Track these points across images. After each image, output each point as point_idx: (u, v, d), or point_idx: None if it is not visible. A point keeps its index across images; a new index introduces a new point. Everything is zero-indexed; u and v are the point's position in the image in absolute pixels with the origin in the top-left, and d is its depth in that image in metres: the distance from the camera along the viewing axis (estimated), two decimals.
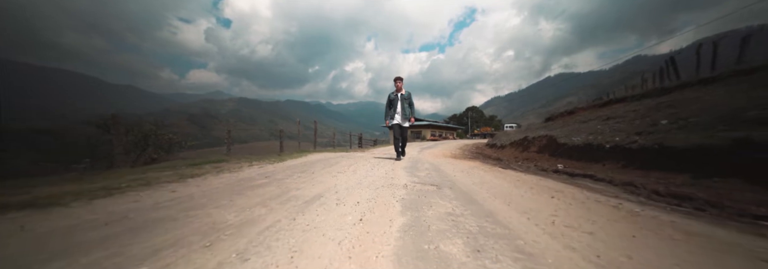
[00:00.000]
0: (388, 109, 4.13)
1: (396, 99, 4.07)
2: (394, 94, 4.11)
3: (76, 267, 0.73)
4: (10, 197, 1.39)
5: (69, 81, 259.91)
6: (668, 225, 1.19)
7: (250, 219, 1.17)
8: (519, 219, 1.26)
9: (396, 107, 4.06)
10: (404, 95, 4.07)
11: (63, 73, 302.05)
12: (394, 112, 4.07)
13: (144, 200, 1.45)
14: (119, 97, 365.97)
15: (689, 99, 5.06)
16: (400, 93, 4.09)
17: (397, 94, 4.09)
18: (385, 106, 4.21)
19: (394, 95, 4.10)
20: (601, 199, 1.74)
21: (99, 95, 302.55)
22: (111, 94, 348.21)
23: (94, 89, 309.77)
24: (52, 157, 7.53)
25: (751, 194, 1.92)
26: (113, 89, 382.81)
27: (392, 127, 4.12)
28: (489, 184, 2.24)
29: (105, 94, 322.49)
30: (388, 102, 4.14)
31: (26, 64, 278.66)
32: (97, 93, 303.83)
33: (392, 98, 4.10)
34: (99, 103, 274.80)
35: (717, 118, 3.07)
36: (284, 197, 1.60)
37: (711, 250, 0.92)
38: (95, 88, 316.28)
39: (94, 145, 5.41)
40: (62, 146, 11.77)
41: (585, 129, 5.85)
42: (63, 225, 1.06)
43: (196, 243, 0.91)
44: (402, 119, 4.07)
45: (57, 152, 6.88)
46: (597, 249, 0.91)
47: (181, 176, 2.14)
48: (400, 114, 4.07)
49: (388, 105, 4.15)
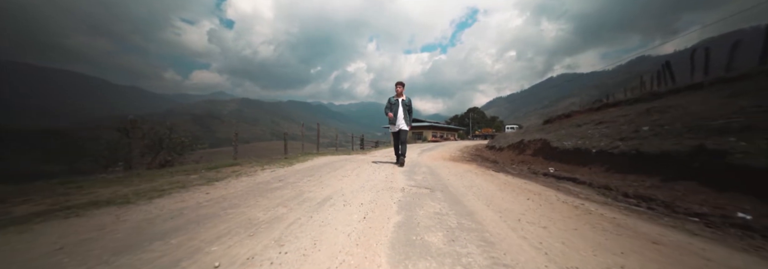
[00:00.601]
0: (388, 111, 4.17)
1: (396, 104, 4.10)
2: (394, 98, 4.13)
3: (170, 245, 1.05)
4: (82, 197, 1.72)
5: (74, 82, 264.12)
6: (608, 221, 1.49)
7: (276, 217, 1.48)
8: (492, 217, 1.56)
9: (396, 111, 4.08)
10: (405, 101, 4.12)
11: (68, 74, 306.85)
12: (395, 117, 4.10)
13: (188, 200, 1.77)
14: (123, 98, 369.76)
15: (673, 106, 5.33)
16: (401, 98, 4.12)
17: (398, 99, 4.12)
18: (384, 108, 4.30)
19: (394, 100, 4.13)
20: (567, 201, 2.04)
21: (104, 96, 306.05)
22: (115, 95, 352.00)
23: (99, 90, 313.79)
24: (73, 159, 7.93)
25: (701, 195, 2.21)
26: (118, 90, 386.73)
27: (392, 132, 4.24)
28: (477, 187, 2.53)
29: (110, 95, 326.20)
30: (388, 105, 4.17)
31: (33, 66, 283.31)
32: (102, 94, 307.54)
33: (393, 103, 4.12)
34: (104, 104, 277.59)
35: (687, 126, 3.36)
36: (299, 199, 1.91)
37: (622, 237, 1.22)
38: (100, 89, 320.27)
39: (114, 148, 5.78)
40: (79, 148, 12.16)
41: (577, 134, 6.12)
42: (142, 217, 1.38)
43: (242, 233, 1.22)
44: (402, 124, 4.11)
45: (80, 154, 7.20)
46: (543, 238, 1.21)
47: (208, 180, 2.46)
48: (399, 119, 4.10)
49: (387, 108, 4.19)
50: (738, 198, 1.98)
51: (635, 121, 5.19)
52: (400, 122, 4.09)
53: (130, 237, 1.13)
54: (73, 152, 13.06)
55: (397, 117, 4.07)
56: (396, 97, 4.14)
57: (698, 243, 1.21)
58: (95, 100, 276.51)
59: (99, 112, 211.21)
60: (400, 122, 4.10)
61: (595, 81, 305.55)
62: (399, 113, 4.07)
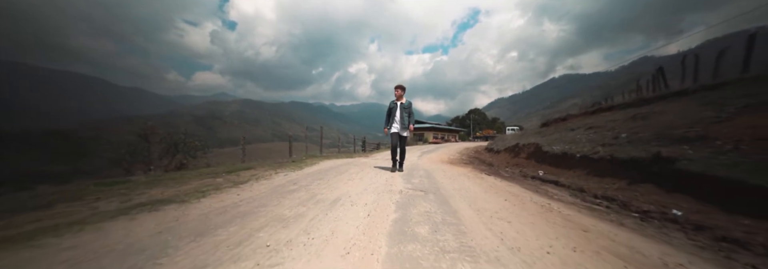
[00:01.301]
0: (388, 117, 4.09)
1: (395, 108, 4.02)
2: (394, 102, 4.06)
3: (230, 232, 1.46)
4: (141, 197, 2.13)
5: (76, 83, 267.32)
6: (561, 217, 1.88)
7: (299, 214, 1.89)
8: (471, 214, 1.95)
9: (395, 115, 4.00)
10: (404, 104, 4.03)
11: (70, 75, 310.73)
12: (393, 120, 4.00)
13: (225, 200, 2.18)
14: (126, 99, 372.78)
15: (656, 113, 5.71)
16: (400, 102, 4.04)
17: (397, 102, 4.03)
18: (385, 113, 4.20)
19: (393, 104, 4.05)
20: (539, 201, 2.43)
21: (106, 97, 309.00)
22: (118, 96, 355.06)
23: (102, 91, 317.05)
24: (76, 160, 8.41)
25: (654, 196, 2.60)
26: (120, 91, 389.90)
27: (390, 135, 4.09)
28: (465, 190, 2.92)
29: (112, 96, 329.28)
30: (388, 110, 4.11)
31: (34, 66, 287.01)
32: (105, 95, 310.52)
33: (392, 107, 4.05)
34: (107, 105, 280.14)
35: (656, 134, 3.74)
36: (314, 200, 2.31)
37: (564, 228, 1.61)
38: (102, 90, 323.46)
39: (133, 151, 6.24)
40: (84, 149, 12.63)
41: (566, 138, 6.50)
42: (200, 212, 1.80)
43: (277, 225, 1.63)
44: (401, 129, 4.00)
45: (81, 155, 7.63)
46: (504, 229, 1.60)
47: (235, 183, 2.88)
48: (399, 123, 4.00)
49: (388, 113, 4.11)
50: (679, 198, 2.36)
51: (619, 127, 5.56)
52: (399, 127, 4.00)
53: (200, 226, 1.54)
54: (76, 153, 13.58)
55: (396, 121, 3.98)
56: (396, 100, 4.06)
57: (617, 231, 1.60)
58: (98, 101, 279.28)
59: (102, 113, 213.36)
60: (399, 126, 4.00)
61: (597, 82, 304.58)
62: (397, 117, 3.98)
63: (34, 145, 18.94)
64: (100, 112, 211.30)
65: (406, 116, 4.02)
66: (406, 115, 4.02)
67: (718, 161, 2.38)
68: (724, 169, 2.23)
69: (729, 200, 2.06)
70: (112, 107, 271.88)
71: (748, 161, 2.25)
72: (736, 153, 2.44)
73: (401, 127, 4.00)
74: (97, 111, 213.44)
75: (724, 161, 2.36)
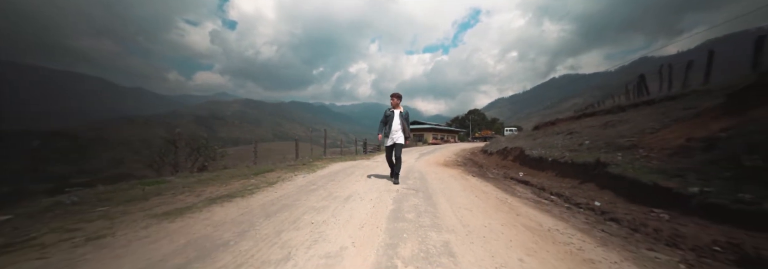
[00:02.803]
0: (383, 125, 4.00)
1: (392, 116, 3.94)
2: (390, 110, 3.99)
3: (284, 216, 2.25)
4: (202, 195, 2.94)
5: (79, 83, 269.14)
6: (509, 207, 2.67)
7: (324, 206, 2.68)
8: (446, 206, 2.74)
9: (392, 124, 3.91)
10: (402, 113, 3.97)
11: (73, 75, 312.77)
12: (390, 130, 3.91)
13: (270, 196, 2.98)
14: (128, 99, 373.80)
15: (623, 121, 6.50)
16: (399, 110, 3.98)
17: (395, 111, 3.97)
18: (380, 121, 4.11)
19: (390, 112, 3.98)
20: (500, 197, 3.22)
21: (109, 97, 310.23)
22: (120, 96, 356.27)
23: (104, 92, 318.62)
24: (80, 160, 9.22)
25: (591, 192, 3.40)
26: (122, 92, 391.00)
27: (386, 145, 4.00)
28: (449, 189, 3.71)
29: (114, 96, 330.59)
30: (384, 118, 4.02)
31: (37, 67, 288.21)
32: (107, 95, 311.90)
33: (388, 115, 3.97)
34: (109, 105, 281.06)
35: (606, 142, 4.54)
36: (332, 196, 3.11)
37: (505, 213, 2.40)
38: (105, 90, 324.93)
39: (163, 154, 7.07)
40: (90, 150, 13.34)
41: (547, 143, 7.29)
42: (257, 204, 2.60)
43: (312, 212, 2.42)
44: (397, 138, 3.93)
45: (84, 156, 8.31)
46: (463, 215, 2.40)
47: (268, 184, 3.68)
48: (395, 132, 3.92)
49: (383, 121, 4.03)
50: (604, 193, 3.16)
51: (591, 134, 6.35)
52: (397, 135, 3.92)
53: (264, 212, 2.34)
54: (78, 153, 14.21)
55: (392, 130, 3.90)
56: (392, 108, 4.01)
57: (541, 215, 2.40)
58: (99, 101, 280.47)
59: (102, 113, 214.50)
60: (397, 135, 3.92)
61: (598, 82, 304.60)
62: (394, 126, 3.91)
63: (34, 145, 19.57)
64: (100, 112, 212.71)
65: (402, 125, 3.95)
66: (403, 124, 3.95)
67: (632, 166, 3.17)
68: (633, 171, 3.03)
69: (631, 194, 2.85)
70: (113, 107, 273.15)
71: (649, 165, 3.05)
72: (645, 159, 3.23)
73: (398, 136, 3.94)
74: (97, 111, 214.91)
75: (635, 166, 3.16)
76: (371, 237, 1.80)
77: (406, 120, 3.98)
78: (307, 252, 1.57)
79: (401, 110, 4.02)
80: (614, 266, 1.46)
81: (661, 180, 2.69)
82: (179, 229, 1.89)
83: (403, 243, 1.70)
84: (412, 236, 1.84)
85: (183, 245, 1.61)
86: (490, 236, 1.87)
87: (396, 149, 3.94)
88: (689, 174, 2.56)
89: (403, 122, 3.94)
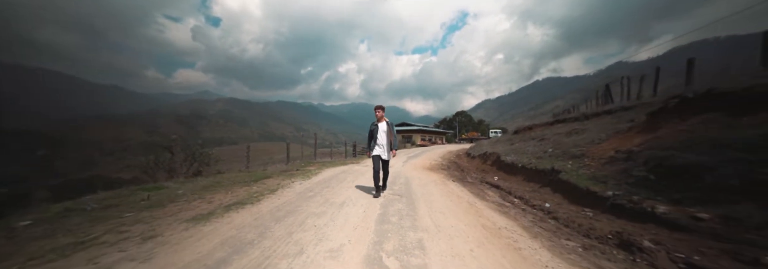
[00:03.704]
0: (370, 140, 3.95)
1: (376, 130, 3.88)
2: (375, 124, 3.92)
3: (292, 219, 2.75)
4: (214, 200, 3.37)
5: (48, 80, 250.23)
6: (475, 210, 3.30)
7: (323, 211, 3.19)
8: (425, 210, 3.32)
9: (377, 137, 3.86)
10: (388, 123, 3.93)
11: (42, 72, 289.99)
12: (375, 143, 3.87)
13: (275, 202, 3.45)
14: (103, 97, 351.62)
15: (584, 129, 7.38)
16: (383, 123, 3.92)
17: (378, 124, 3.90)
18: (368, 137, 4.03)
19: (374, 126, 3.91)
20: (470, 201, 3.85)
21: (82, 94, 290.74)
22: (95, 94, 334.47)
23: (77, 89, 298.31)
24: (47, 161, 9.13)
25: (546, 195, 4.10)
26: (97, 89, 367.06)
27: (373, 159, 3.90)
28: (429, 194, 4.31)
29: (88, 94, 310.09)
30: (370, 133, 3.94)
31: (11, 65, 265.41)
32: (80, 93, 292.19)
33: (373, 129, 3.90)
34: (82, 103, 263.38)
35: (563, 151, 5.32)
36: (328, 203, 3.61)
37: (469, 213, 3.02)
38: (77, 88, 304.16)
39: (157, 160, 7.25)
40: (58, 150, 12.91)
41: (519, 149, 8.10)
42: (267, 210, 3.07)
43: (314, 216, 2.93)
44: (384, 152, 3.86)
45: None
46: (437, 217, 2.99)
47: (271, 191, 4.13)
48: (382, 146, 3.86)
49: (369, 136, 3.95)
50: (555, 196, 3.87)
51: (557, 141, 7.19)
52: (383, 150, 3.86)
53: (272, 218, 2.82)
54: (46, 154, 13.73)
55: (378, 144, 3.85)
56: (376, 122, 3.92)
57: (498, 215, 3.04)
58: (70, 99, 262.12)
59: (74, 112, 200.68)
60: (382, 149, 3.86)
61: (578, 85, 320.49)
62: (380, 140, 3.84)
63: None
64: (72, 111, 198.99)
65: (389, 138, 3.88)
66: (390, 137, 3.89)
67: (576, 173, 3.91)
68: (575, 178, 3.76)
69: (573, 196, 3.57)
70: (85, 106, 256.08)
71: (588, 173, 3.79)
72: (586, 168, 3.98)
73: (385, 150, 3.86)
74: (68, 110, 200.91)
75: (579, 173, 3.90)
76: (363, 237, 2.35)
77: (392, 130, 3.91)
78: (315, 248, 2.08)
79: (386, 121, 3.95)
80: (534, 251, 2.09)
81: (591, 185, 3.41)
82: (211, 231, 2.35)
83: (387, 241, 2.26)
84: (394, 235, 2.40)
85: (219, 243, 2.08)
86: (454, 234, 2.46)
87: (383, 164, 3.89)
88: (610, 181, 3.30)
89: (390, 134, 3.88)
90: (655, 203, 2.54)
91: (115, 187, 5.00)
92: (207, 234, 2.28)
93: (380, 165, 3.88)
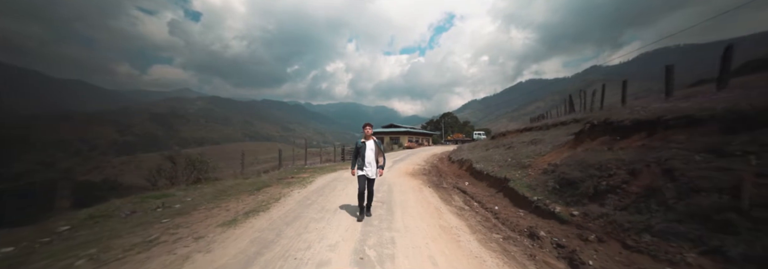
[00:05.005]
0: (355, 158, 3.81)
1: (364, 148, 3.76)
2: (362, 142, 3.80)
3: (298, 224, 3.61)
4: (231, 208, 4.15)
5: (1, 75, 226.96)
6: (439, 213, 4.31)
7: (321, 217, 4.06)
8: (400, 215, 4.28)
9: (364, 156, 3.74)
10: (375, 142, 3.84)
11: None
12: (363, 162, 3.74)
13: (282, 210, 4.27)
14: (65, 93, 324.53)
15: (540, 140, 8.66)
16: (371, 141, 3.83)
17: (366, 142, 3.81)
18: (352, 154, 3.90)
19: (362, 144, 3.78)
20: (438, 206, 4.86)
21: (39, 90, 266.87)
22: (55, 89, 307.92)
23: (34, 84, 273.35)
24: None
25: (498, 200, 5.20)
26: (57, 84, 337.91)
27: (358, 179, 3.80)
28: (406, 201, 5.26)
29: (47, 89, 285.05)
30: (356, 150, 3.82)
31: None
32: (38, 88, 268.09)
33: (360, 147, 3.78)
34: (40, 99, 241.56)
35: (517, 161, 6.50)
36: (324, 209, 4.48)
37: (436, 219, 4.02)
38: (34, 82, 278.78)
39: (158, 170, 7.75)
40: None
41: (489, 157, 9.30)
42: (277, 216, 3.89)
43: (314, 221, 3.79)
44: (370, 171, 3.76)
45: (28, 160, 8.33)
46: (408, 220, 3.95)
47: (275, 199, 4.92)
48: (369, 165, 3.75)
49: (355, 153, 3.82)
50: (505, 201, 4.97)
51: (518, 150, 8.42)
52: (370, 169, 3.75)
53: (283, 222, 3.66)
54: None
55: (366, 162, 3.74)
56: (364, 139, 3.83)
57: (454, 217, 4.06)
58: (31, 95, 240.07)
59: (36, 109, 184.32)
60: (370, 169, 3.75)
61: (558, 87, 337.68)
62: (368, 158, 3.75)
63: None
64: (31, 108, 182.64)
65: (376, 156, 3.79)
66: (377, 154, 3.79)
67: (520, 181, 5.05)
68: (518, 186, 4.88)
69: (515, 201, 4.68)
70: (47, 103, 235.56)
71: (527, 181, 4.93)
72: (528, 177, 5.13)
73: (372, 168, 3.77)
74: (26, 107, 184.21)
75: (522, 181, 5.03)
76: (352, 236, 3.26)
77: (381, 149, 3.85)
78: (318, 244, 2.97)
79: (374, 139, 3.86)
80: (468, 243, 3.10)
81: (526, 192, 4.53)
82: (241, 233, 3.16)
83: (369, 238, 3.18)
84: (375, 234, 3.33)
85: (250, 241, 2.91)
86: (417, 232, 3.43)
87: (369, 182, 3.79)
88: (537, 188, 4.43)
89: (379, 153, 3.81)
90: (555, 205, 3.66)
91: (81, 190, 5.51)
92: (239, 235, 3.10)
93: (365, 185, 3.78)
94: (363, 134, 3.89)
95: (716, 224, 2.03)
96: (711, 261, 1.89)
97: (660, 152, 2.95)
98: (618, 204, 2.91)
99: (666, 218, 2.35)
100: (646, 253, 2.23)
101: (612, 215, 2.84)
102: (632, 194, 2.84)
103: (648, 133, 3.59)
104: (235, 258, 2.50)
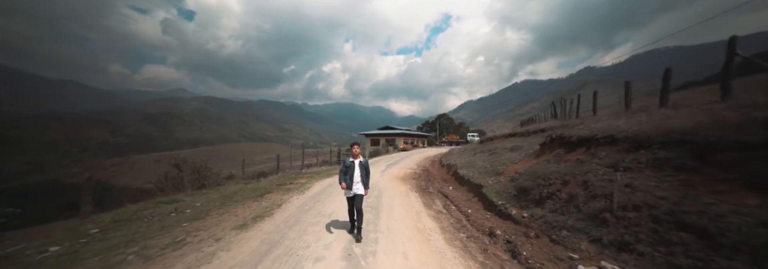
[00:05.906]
0: (344, 175, 3.97)
1: (352, 167, 3.92)
2: (351, 161, 3.97)
3: (300, 226, 4.30)
4: (240, 214, 4.82)
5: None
6: (418, 216, 5.05)
7: (317, 221, 4.75)
8: (385, 218, 5.00)
9: (353, 174, 3.90)
10: (362, 162, 4.00)
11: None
12: (351, 181, 3.89)
13: (284, 214, 4.95)
14: (56, 93, 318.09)
15: (520, 147, 9.47)
16: (358, 160, 3.99)
17: (355, 161, 3.97)
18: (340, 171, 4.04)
19: (350, 163, 3.95)
20: (419, 209, 5.60)
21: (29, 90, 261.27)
22: (45, 89, 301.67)
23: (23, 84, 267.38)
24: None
25: (473, 204, 5.97)
26: (48, 84, 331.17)
27: (347, 200, 4.01)
28: (393, 206, 5.99)
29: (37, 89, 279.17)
30: (344, 169, 3.96)
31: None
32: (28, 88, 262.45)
33: (349, 166, 3.93)
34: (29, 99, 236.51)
35: (494, 168, 7.29)
36: (321, 214, 5.17)
37: (416, 221, 4.76)
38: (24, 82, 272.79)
39: (165, 177, 8.34)
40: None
41: (473, 162, 10.08)
42: (283, 219, 4.58)
43: (313, 224, 4.50)
44: (358, 189, 3.90)
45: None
46: (391, 223, 4.68)
47: (277, 205, 5.60)
48: (357, 183, 3.90)
49: (343, 171, 3.97)
50: (478, 204, 5.73)
51: (499, 156, 9.21)
52: (357, 186, 3.91)
53: (285, 226, 4.36)
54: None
55: (353, 181, 3.90)
56: (352, 159, 3.99)
57: (431, 221, 4.79)
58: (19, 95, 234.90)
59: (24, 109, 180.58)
60: (357, 186, 3.91)
61: (552, 88, 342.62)
62: (356, 177, 3.91)
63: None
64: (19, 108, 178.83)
65: (364, 175, 3.98)
66: (365, 173, 3.99)
67: (492, 188, 5.81)
68: (489, 191, 5.64)
69: (486, 205, 5.44)
70: (36, 103, 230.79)
71: (497, 188, 5.69)
72: (499, 184, 5.90)
73: (358, 187, 3.92)
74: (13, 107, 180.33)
75: (493, 188, 5.79)
76: (343, 237, 3.96)
77: (365, 171, 4.02)
78: (316, 244, 3.67)
79: (361, 160, 4.02)
80: (436, 241, 3.83)
81: (494, 197, 5.30)
82: (252, 235, 3.85)
83: None
84: (362, 235, 4.04)
85: (260, 242, 3.60)
86: (397, 233, 4.16)
87: (357, 200, 3.89)
88: (503, 194, 5.20)
89: (363, 172, 3.98)
90: (512, 208, 4.43)
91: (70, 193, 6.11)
92: (250, 237, 3.79)
93: (354, 206, 3.94)
94: (351, 154, 4.02)
95: (600, 220, 2.81)
96: (594, 246, 2.69)
97: (585, 165, 3.74)
98: (552, 208, 3.68)
99: (577, 217, 3.13)
100: (561, 244, 3.00)
101: (547, 216, 3.62)
102: (561, 200, 3.61)
103: (586, 148, 4.39)
104: (250, 255, 3.20)
